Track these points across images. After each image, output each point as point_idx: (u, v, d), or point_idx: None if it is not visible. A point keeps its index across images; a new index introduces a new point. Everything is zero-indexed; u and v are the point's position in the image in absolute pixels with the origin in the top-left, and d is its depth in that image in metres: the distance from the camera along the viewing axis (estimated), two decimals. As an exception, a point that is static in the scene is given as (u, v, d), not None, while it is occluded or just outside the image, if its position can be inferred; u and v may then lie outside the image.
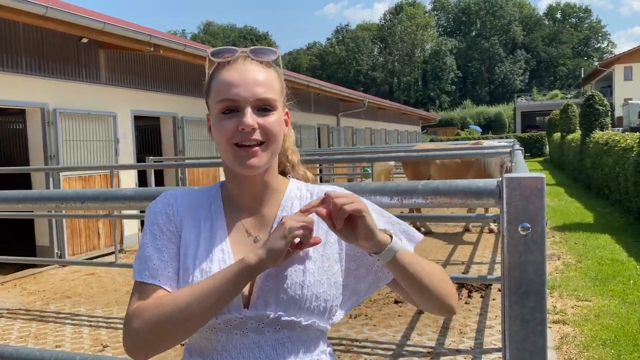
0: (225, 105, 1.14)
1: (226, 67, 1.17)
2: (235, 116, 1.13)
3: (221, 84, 1.15)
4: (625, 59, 44.38)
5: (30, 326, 5.25)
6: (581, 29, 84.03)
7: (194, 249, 1.16)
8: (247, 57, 1.18)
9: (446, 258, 7.40)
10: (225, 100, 1.14)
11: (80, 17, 7.21)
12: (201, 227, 1.19)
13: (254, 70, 1.16)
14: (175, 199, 1.23)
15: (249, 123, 1.11)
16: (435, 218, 7.71)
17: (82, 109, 8.35)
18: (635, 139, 9.55)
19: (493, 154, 5.88)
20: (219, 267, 1.13)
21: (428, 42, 79.72)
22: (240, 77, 1.14)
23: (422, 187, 1.29)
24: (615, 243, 7.80)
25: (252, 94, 1.13)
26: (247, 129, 1.12)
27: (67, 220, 7.99)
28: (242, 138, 1.13)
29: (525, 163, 3.18)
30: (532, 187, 1.09)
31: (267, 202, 1.22)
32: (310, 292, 1.12)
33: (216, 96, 1.16)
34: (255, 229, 1.20)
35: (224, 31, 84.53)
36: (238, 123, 1.12)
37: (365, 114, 22.59)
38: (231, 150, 1.14)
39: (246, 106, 1.13)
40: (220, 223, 1.20)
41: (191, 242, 1.17)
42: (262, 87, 1.14)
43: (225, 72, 1.16)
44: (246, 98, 1.13)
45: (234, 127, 1.13)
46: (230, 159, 1.15)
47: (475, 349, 4.23)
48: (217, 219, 1.20)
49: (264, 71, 1.17)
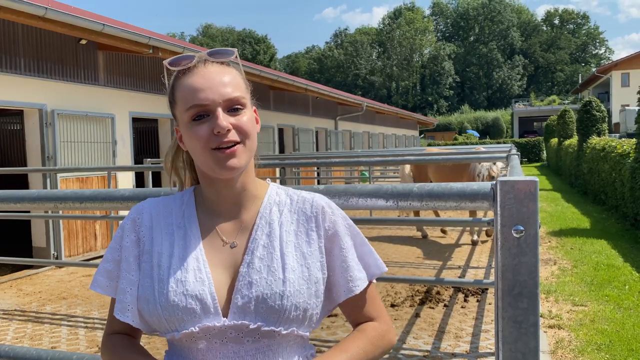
0: (195, 112, 1.12)
1: (187, 74, 1.15)
2: (207, 121, 1.11)
3: (187, 91, 1.13)
4: (623, 65, 44.52)
5: (26, 327, 5.24)
6: (579, 35, 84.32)
7: (167, 258, 1.15)
8: (206, 60, 1.17)
9: (442, 262, 7.42)
10: (195, 106, 1.11)
11: (80, 19, 7.22)
12: (175, 236, 1.18)
13: (216, 72, 1.15)
14: (140, 212, 1.22)
15: (224, 125, 1.10)
16: (430, 222, 7.72)
17: (80, 110, 8.35)
18: (632, 145, 9.59)
19: (490, 158, 5.91)
20: (194, 276, 1.12)
21: (426, 47, 79.92)
22: (205, 81, 1.12)
23: (417, 189, 1.30)
24: (611, 249, 7.82)
25: (221, 95, 1.11)
26: (222, 131, 1.09)
27: (63, 222, 7.99)
28: (218, 141, 1.10)
29: (520, 167, 3.20)
30: (525, 190, 1.10)
31: (246, 207, 1.20)
32: (290, 302, 1.11)
33: (184, 104, 1.13)
34: (232, 234, 1.19)
35: (223, 34, 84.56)
36: (212, 127, 1.10)
37: (363, 117, 22.63)
38: (210, 155, 1.11)
39: (216, 108, 1.11)
40: (194, 231, 1.18)
41: (164, 252, 1.16)
42: (229, 87, 1.13)
43: (188, 78, 1.14)
44: (215, 100, 1.11)
45: (208, 132, 1.10)
46: (209, 164, 1.12)
47: (471, 353, 4.24)
48: (191, 226, 1.19)
49: (226, 71, 1.16)
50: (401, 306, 5.46)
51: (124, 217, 5.36)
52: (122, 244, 1.20)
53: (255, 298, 1.10)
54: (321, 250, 1.18)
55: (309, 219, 1.19)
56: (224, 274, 1.15)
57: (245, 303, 1.10)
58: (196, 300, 1.10)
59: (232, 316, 1.10)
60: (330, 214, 1.21)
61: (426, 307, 5.42)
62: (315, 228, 1.19)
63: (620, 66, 44.69)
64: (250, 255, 1.15)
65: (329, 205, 1.22)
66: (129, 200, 1.61)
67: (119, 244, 1.20)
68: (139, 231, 1.20)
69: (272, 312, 1.10)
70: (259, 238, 1.17)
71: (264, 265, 1.13)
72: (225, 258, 1.16)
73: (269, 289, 1.11)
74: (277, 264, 1.13)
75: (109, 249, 1.21)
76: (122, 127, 9.27)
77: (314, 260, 1.17)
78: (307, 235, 1.18)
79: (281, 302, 1.10)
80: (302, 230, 1.19)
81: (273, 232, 1.17)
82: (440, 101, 76.48)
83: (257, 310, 1.10)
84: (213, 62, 1.17)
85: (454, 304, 5.47)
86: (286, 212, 1.21)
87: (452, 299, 5.65)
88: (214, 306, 1.10)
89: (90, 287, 1.21)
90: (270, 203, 1.21)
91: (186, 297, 1.10)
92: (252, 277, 1.12)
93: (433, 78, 77.37)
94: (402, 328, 4.85)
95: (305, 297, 1.13)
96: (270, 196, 1.23)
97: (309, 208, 1.20)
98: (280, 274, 1.12)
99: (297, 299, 1.11)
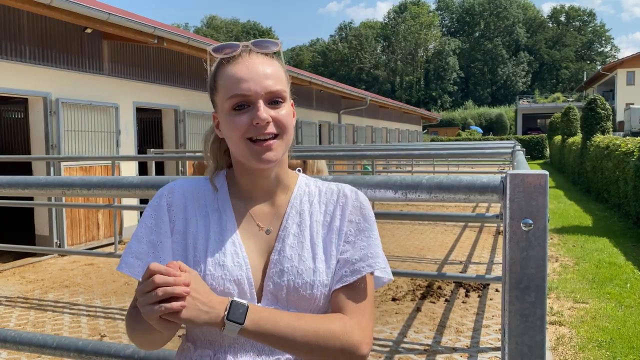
0: (236, 102, 1.12)
1: (231, 62, 1.15)
2: (247, 111, 1.12)
3: (229, 80, 1.13)
4: (628, 63, 44.35)
5: (29, 314, 5.26)
6: (585, 33, 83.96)
7: (203, 241, 1.15)
8: (250, 50, 1.16)
9: (444, 257, 7.43)
10: (236, 96, 1.12)
11: (85, 7, 7.21)
12: (209, 219, 1.18)
13: (261, 63, 1.14)
14: (172, 191, 1.21)
15: (264, 117, 1.10)
16: (435, 217, 7.72)
17: (85, 100, 8.35)
18: (636, 144, 9.56)
19: (495, 154, 5.90)
20: (232, 259, 1.13)
21: (431, 42, 79.68)
22: (248, 72, 1.12)
23: (427, 181, 1.30)
24: (614, 247, 7.82)
25: (263, 88, 1.12)
26: (262, 123, 1.10)
27: (67, 210, 8.00)
28: (256, 132, 1.11)
29: (526, 163, 3.19)
30: (535, 184, 1.10)
31: (278, 196, 1.22)
32: (320, 292, 1.13)
33: (225, 93, 1.14)
34: (266, 221, 1.20)
35: (227, 25, 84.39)
36: (252, 118, 1.11)
37: (366, 112, 22.59)
38: (246, 146, 1.12)
39: (258, 100, 1.11)
40: (229, 215, 1.18)
41: (199, 234, 1.16)
42: (271, 80, 1.13)
43: (231, 67, 1.14)
44: (257, 92, 1.11)
45: (247, 123, 1.11)
46: (245, 154, 1.13)
47: (472, 348, 4.25)
48: (225, 210, 1.19)
49: (270, 63, 1.16)
50: (402, 300, 5.48)
51: (128, 206, 5.40)
52: (157, 224, 1.17)
53: (287, 286, 1.12)
54: (340, 236, 1.19)
55: (335, 208, 1.21)
56: (259, 259, 1.16)
57: (278, 290, 1.12)
58: (234, 284, 1.11)
59: (265, 301, 1.12)
60: (354, 199, 1.21)
61: (427, 301, 5.43)
62: (340, 216, 1.20)
63: (625, 64, 44.52)
64: (281, 242, 1.16)
65: (355, 193, 1.23)
66: (136, 187, 1.61)
67: (153, 224, 1.18)
68: (170, 210, 1.18)
69: (303, 300, 1.12)
70: (289, 227, 1.18)
71: (295, 254, 1.15)
72: (260, 243, 1.17)
73: (300, 278, 1.13)
74: (308, 254, 1.15)
75: (142, 228, 1.18)
76: (126, 116, 9.27)
77: (336, 249, 1.18)
78: (331, 223, 1.19)
79: (312, 292, 1.13)
80: (328, 220, 1.20)
81: (303, 221, 1.19)
82: (444, 96, 76.32)
83: (288, 298, 1.12)
84: (257, 52, 1.17)
85: (455, 299, 5.48)
86: (315, 202, 1.22)
87: (453, 293, 5.66)
88: (250, 291, 1.12)
89: (118, 269, 1.18)
90: (300, 193, 1.23)
91: (224, 281, 1.11)
92: (284, 264, 1.13)
93: (437, 73, 77.18)
94: (403, 322, 4.86)
95: (331, 287, 1.15)
96: (300, 187, 1.24)
97: (335, 198, 1.22)
98: (311, 264, 1.14)
99: (325, 288, 1.14)
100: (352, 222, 1.19)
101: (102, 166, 8.62)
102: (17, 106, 10.78)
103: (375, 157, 7.39)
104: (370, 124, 23.74)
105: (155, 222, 1.18)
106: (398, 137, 29.18)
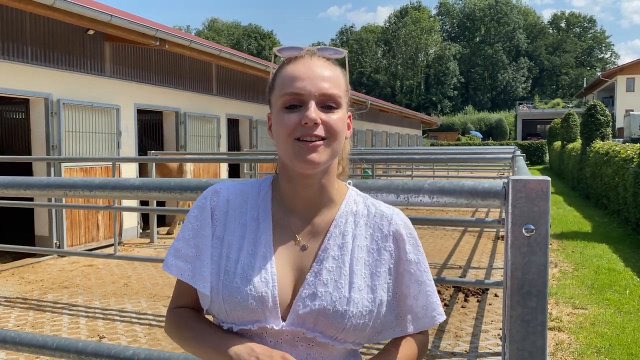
0: (288, 99, 1.10)
1: (292, 62, 1.14)
2: (298, 111, 1.09)
3: (286, 78, 1.12)
4: (628, 70, 44.43)
5: (28, 315, 5.26)
6: (585, 39, 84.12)
7: (236, 251, 1.14)
8: (313, 54, 1.16)
9: (443, 262, 7.42)
10: (289, 94, 1.10)
11: (88, 9, 7.22)
12: (247, 228, 1.15)
13: (320, 65, 1.13)
14: (217, 194, 1.20)
15: (313, 117, 1.07)
16: (434, 221, 7.72)
17: (86, 101, 8.36)
18: (636, 150, 9.57)
19: (495, 159, 5.90)
20: (259, 275, 1.10)
21: (432, 47, 79.76)
22: (306, 71, 1.11)
23: (429, 186, 1.31)
24: (613, 253, 7.82)
25: (318, 89, 1.09)
26: (310, 122, 1.07)
27: (66, 211, 8.00)
28: (303, 132, 1.08)
29: (527, 168, 3.20)
30: (537, 189, 1.11)
31: (321, 211, 1.17)
32: (351, 323, 1.09)
33: (280, 90, 1.12)
34: (304, 236, 1.16)
35: (229, 28, 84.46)
36: (301, 117, 1.08)
37: (367, 115, 22.60)
38: (291, 145, 1.09)
39: (310, 100, 1.09)
40: (266, 226, 1.15)
41: (234, 244, 1.14)
42: (327, 83, 1.11)
43: (291, 66, 1.13)
44: (311, 92, 1.09)
45: (296, 122, 1.08)
46: (289, 154, 1.09)
47: (471, 353, 4.25)
48: (265, 220, 1.16)
49: (330, 68, 1.14)
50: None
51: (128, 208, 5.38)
52: (202, 226, 1.17)
53: (317, 311, 1.08)
54: (390, 272, 1.16)
55: (384, 238, 1.17)
56: (290, 275, 1.12)
57: (307, 313, 1.09)
58: (258, 301, 1.08)
59: (291, 321, 1.09)
60: (408, 235, 1.19)
61: (426, 306, 5.42)
62: (389, 248, 1.16)
63: (625, 71, 44.61)
64: (319, 264, 1.12)
65: (407, 227, 1.19)
66: (138, 189, 1.61)
67: (198, 226, 1.17)
68: (213, 214, 1.18)
69: (331, 327, 1.09)
70: (330, 248, 1.14)
71: (331, 279, 1.11)
72: (294, 259, 1.14)
73: (332, 305, 1.08)
74: (345, 281, 1.11)
75: (189, 230, 1.18)
76: (127, 118, 9.27)
77: (382, 281, 1.14)
78: (378, 253, 1.16)
79: (342, 321, 1.08)
80: (374, 247, 1.16)
81: (346, 244, 1.14)
82: (444, 101, 76.39)
83: (316, 322, 1.09)
84: (320, 56, 1.16)
85: (454, 304, 5.48)
86: (362, 224, 1.17)
87: (452, 298, 5.66)
88: (274, 309, 1.09)
89: (167, 270, 1.17)
90: (346, 212, 1.18)
91: (249, 297, 1.08)
92: (318, 288, 1.10)
93: (437, 78, 77.26)
94: (402, 326, 4.85)
95: (366, 319, 1.11)
96: (348, 203, 1.19)
97: (386, 225, 1.17)
98: (346, 292, 1.10)
99: (358, 319, 1.10)
100: (411, 262, 1.17)
101: (103, 167, 8.62)
102: (18, 107, 10.79)
103: (376, 161, 7.39)
104: (370, 128, 23.76)
105: (200, 224, 1.17)
106: (398, 141, 29.21)
